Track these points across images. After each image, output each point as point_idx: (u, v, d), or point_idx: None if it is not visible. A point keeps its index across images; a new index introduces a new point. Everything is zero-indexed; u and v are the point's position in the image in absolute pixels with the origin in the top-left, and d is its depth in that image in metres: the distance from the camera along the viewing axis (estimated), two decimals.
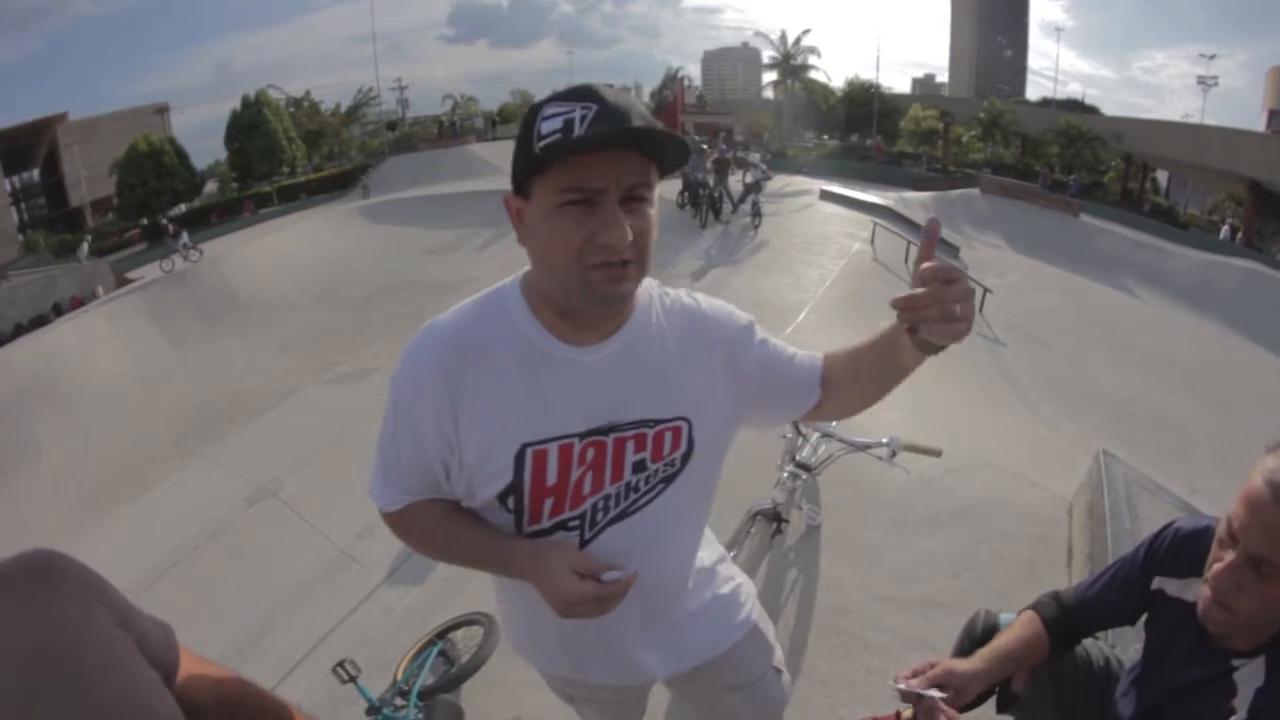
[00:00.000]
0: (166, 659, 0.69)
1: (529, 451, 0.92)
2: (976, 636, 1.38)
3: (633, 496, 0.98)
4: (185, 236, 16.28)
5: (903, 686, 1.10)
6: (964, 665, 1.15)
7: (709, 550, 1.21)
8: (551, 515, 0.96)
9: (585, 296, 0.85)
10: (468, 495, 0.99)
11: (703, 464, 1.01)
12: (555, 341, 0.93)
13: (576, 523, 0.97)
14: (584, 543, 0.98)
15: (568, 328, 0.93)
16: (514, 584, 1.04)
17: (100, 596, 0.63)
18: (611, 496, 0.97)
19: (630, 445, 0.95)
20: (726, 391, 1.02)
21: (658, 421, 0.96)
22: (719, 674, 1.24)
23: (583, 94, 0.82)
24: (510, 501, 0.95)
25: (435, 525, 1.01)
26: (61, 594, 0.60)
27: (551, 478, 0.93)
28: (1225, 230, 21.57)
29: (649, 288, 1.01)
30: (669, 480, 0.99)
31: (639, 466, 0.97)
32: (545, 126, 0.81)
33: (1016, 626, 1.26)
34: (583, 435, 0.93)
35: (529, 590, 0.95)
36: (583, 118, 0.80)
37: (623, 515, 0.98)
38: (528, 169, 0.83)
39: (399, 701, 2.17)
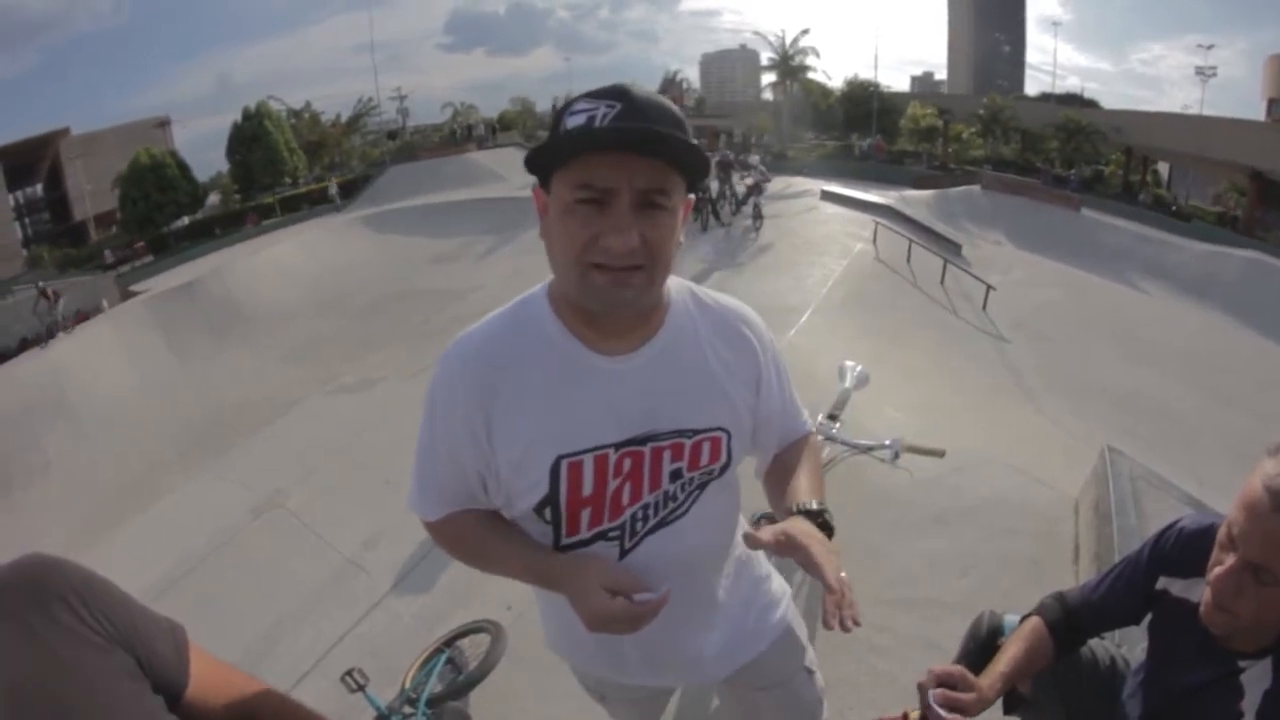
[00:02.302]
0: (175, 672, 0.67)
1: (564, 463, 0.90)
2: (981, 639, 1.38)
3: (671, 505, 0.97)
4: (62, 304, 13.52)
5: (933, 702, 1.08)
6: (976, 697, 1.12)
7: (744, 550, 1.18)
8: (591, 526, 0.94)
9: (587, 295, 0.83)
10: (506, 506, 0.98)
11: (734, 472, 1.03)
12: (585, 350, 0.90)
13: (616, 533, 0.95)
14: (624, 552, 0.96)
15: (596, 335, 0.90)
16: None
17: (98, 609, 0.61)
18: (651, 506, 0.96)
19: (667, 455, 0.93)
20: (752, 403, 1.00)
21: (695, 431, 0.94)
22: (750, 674, 1.22)
23: (611, 93, 0.80)
24: (547, 513, 0.93)
25: (473, 535, 1.00)
26: (55, 616, 0.58)
27: (588, 489, 0.91)
28: None
29: (682, 291, 0.98)
30: (703, 486, 0.99)
31: (675, 475, 0.95)
32: (570, 121, 0.79)
33: (1019, 638, 1.25)
34: (618, 446, 0.91)
35: None
36: (605, 115, 0.78)
37: (662, 524, 0.97)
38: (549, 163, 0.82)
39: (407, 709, 2.17)
